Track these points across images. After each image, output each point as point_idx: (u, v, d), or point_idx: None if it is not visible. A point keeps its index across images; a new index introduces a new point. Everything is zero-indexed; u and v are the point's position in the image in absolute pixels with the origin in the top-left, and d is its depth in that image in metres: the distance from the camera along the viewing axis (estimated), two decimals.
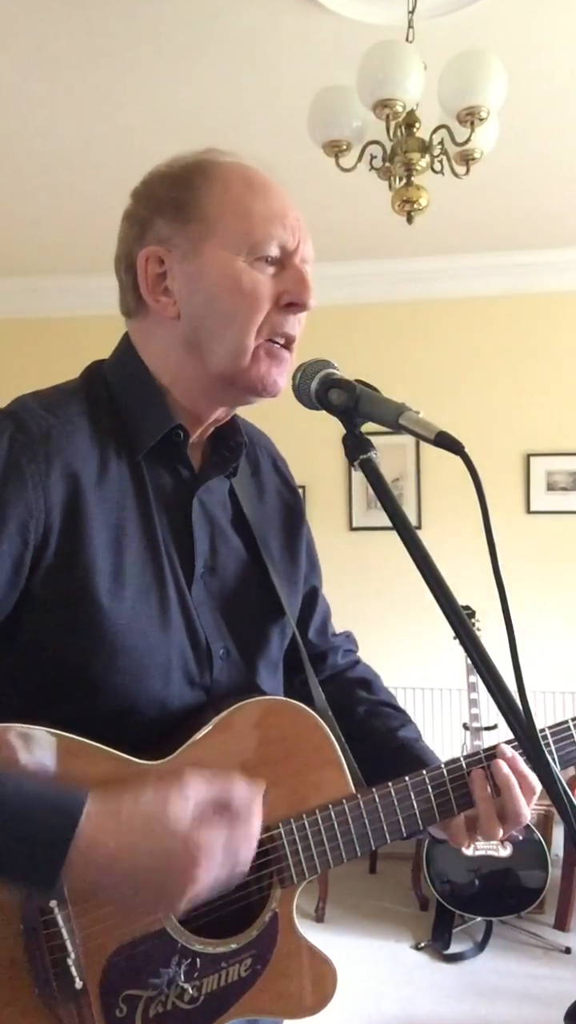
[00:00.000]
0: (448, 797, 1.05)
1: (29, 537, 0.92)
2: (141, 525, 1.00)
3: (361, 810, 1.03)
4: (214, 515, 1.09)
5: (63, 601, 0.94)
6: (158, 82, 2.69)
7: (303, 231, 1.02)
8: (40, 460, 0.93)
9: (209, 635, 1.04)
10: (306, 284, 1.00)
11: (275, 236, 0.99)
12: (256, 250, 0.98)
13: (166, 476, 1.04)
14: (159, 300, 1.01)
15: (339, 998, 1.05)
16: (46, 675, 0.96)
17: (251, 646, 1.09)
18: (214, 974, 0.98)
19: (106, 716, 0.96)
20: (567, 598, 4.10)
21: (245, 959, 1.00)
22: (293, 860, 1.00)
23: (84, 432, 0.99)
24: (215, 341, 0.99)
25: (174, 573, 1.02)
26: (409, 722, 1.22)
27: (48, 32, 2.44)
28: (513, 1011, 2.93)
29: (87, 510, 0.95)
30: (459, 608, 0.88)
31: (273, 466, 1.22)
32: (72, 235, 3.82)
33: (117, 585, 0.96)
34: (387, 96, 2.07)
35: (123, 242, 1.05)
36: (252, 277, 0.98)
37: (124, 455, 1.01)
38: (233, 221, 0.98)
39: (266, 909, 1.02)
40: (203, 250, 0.98)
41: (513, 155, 3.03)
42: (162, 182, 1.02)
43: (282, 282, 1.00)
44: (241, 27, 2.43)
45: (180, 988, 0.96)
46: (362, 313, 4.27)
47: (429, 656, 3.97)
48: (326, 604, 1.28)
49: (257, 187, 1.01)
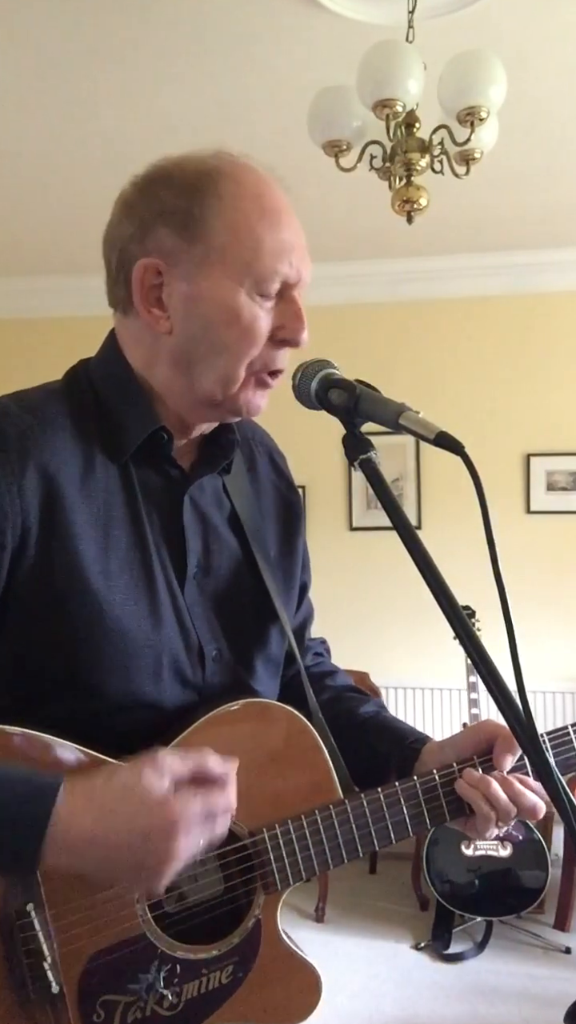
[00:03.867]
0: (440, 803, 1.04)
1: (6, 540, 0.91)
2: (129, 524, 0.99)
3: (348, 815, 1.01)
4: (207, 513, 1.08)
5: (49, 602, 0.93)
6: (158, 82, 2.69)
7: (306, 259, 1.01)
8: (13, 462, 0.92)
9: (202, 636, 1.03)
10: (302, 322, 0.99)
11: (280, 273, 0.97)
12: (259, 286, 0.97)
13: (154, 476, 1.03)
14: (151, 312, 0.99)
15: (339, 998, 1.05)
16: (35, 676, 0.95)
17: (246, 647, 1.08)
18: (195, 980, 0.97)
19: (96, 716, 0.96)
20: (567, 598, 4.10)
21: (227, 966, 0.99)
22: (277, 866, 0.99)
23: (65, 431, 0.97)
24: (205, 366, 0.98)
25: (165, 573, 1.01)
26: (369, 700, 1.21)
27: (47, 32, 2.44)
28: (513, 1011, 2.93)
29: (70, 509, 0.94)
30: (459, 608, 0.87)
31: (271, 462, 1.21)
32: (71, 235, 3.81)
33: (105, 585, 0.95)
34: (387, 96, 2.06)
35: (118, 233, 1.01)
36: (252, 312, 0.97)
37: (110, 455, 1.00)
38: (241, 251, 0.96)
39: (249, 915, 1.00)
40: (206, 275, 0.96)
41: (513, 155, 3.03)
42: (169, 186, 0.98)
43: (279, 316, 0.99)
44: (241, 27, 2.43)
45: (159, 994, 0.95)
46: (362, 313, 4.27)
47: (429, 656, 3.97)
48: (311, 606, 1.27)
49: (269, 213, 0.98)
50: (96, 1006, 0.92)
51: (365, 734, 1.14)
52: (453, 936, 3.35)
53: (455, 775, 1.05)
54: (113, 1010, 0.93)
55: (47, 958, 0.89)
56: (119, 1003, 0.93)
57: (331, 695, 1.21)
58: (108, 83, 2.70)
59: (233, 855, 0.98)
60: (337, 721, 1.14)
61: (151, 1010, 0.95)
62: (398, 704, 4.15)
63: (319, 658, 1.30)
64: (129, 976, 0.94)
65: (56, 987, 0.89)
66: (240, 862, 0.98)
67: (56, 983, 0.89)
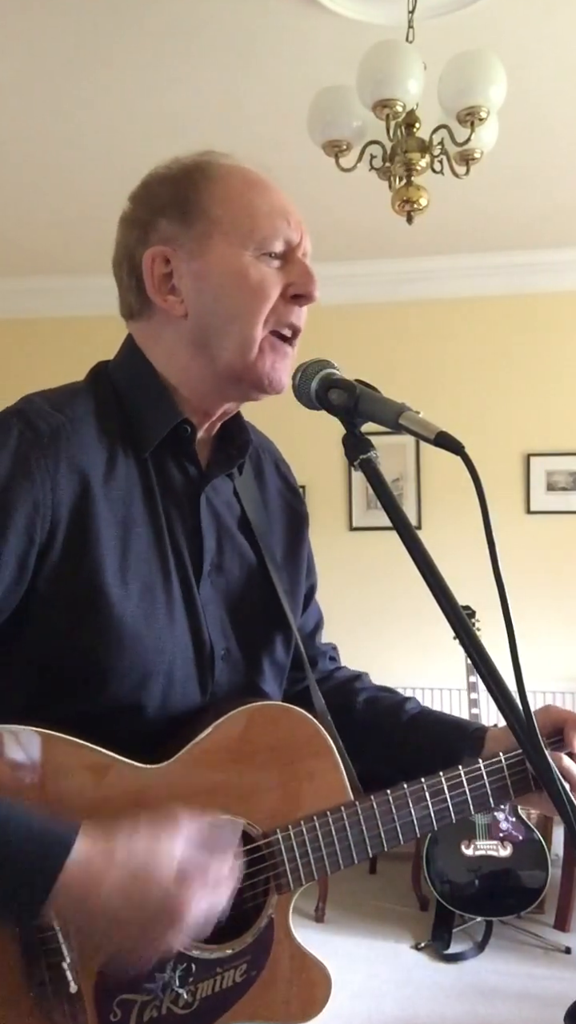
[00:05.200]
0: (446, 805, 1.05)
1: (35, 535, 0.92)
2: (148, 522, 1.00)
3: (359, 817, 1.02)
4: (220, 513, 1.09)
5: (69, 598, 0.94)
6: (158, 82, 2.69)
7: (303, 228, 1.04)
8: (49, 457, 0.93)
9: (213, 634, 1.04)
10: (311, 276, 1.01)
11: (280, 231, 1.00)
12: (263, 245, 1.00)
13: (174, 473, 1.05)
14: (167, 299, 1.01)
15: (339, 998, 1.05)
16: (51, 672, 0.96)
17: (253, 647, 1.09)
18: (209, 979, 0.98)
19: (110, 714, 0.96)
20: (567, 598, 4.10)
21: (240, 965, 1.00)
22: (290, 867, 1.00)
23: (92, 430, 0.99)
24: (223, 336, 1.00)
25: (182, 570, 1.02)
26: (409, 698, 1.23)
27: (47, 32, 2.44)
28: (513, 1011, 2.93)
29: (95, 507, 0.95)
30: (459, 608, 0.88)
31: (276, 470, 1.22)
32: (72, 235, 3.82)
33: (123, 582, 0.96)
34: (387, 96, 2.06)
35: (123, 246, 1.05)
36: (259, 270, 0.99)
37: (131, 452, 1.01)
38: (238, 217, 1.00)
39: (262, 915, 1.01)
40: (209, 247, 1.00)
41: (513, 155, 3.03)
42: (162, 183, 1.03)
43: (288, 275, 1.01)
44: (241, 27, 2.43)
45: (175, 993, 0.96)
46: (362, 313, 4.27)
47: (429, 656, 3.97)
48: (319, 611, 1.28)
49: (258, 185, 1.02)
50: (113, 1005, 0.93)
51: (424, 729, 1.16)
52: (453, 936, 3.35)
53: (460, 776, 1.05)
54: (130, 1009, 0.94)
55: (66, 958, 0.89)
56: (135, 1002, 0.94)
57: (366, 697, 1.23)
58: (108, 83, 2.70)
59: (246, 856, 0.99)
60: (385, 719, 1.16)
61: (167, 1009, 0.96)
62: None
63: (334, 662, 1.31)
64: (145, 975, 0.94)
65: (74, 987, 0.89)
66: (254, 863, 0.99)
67: (74, 983, 0.89)
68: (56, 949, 0.89)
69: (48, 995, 0.89)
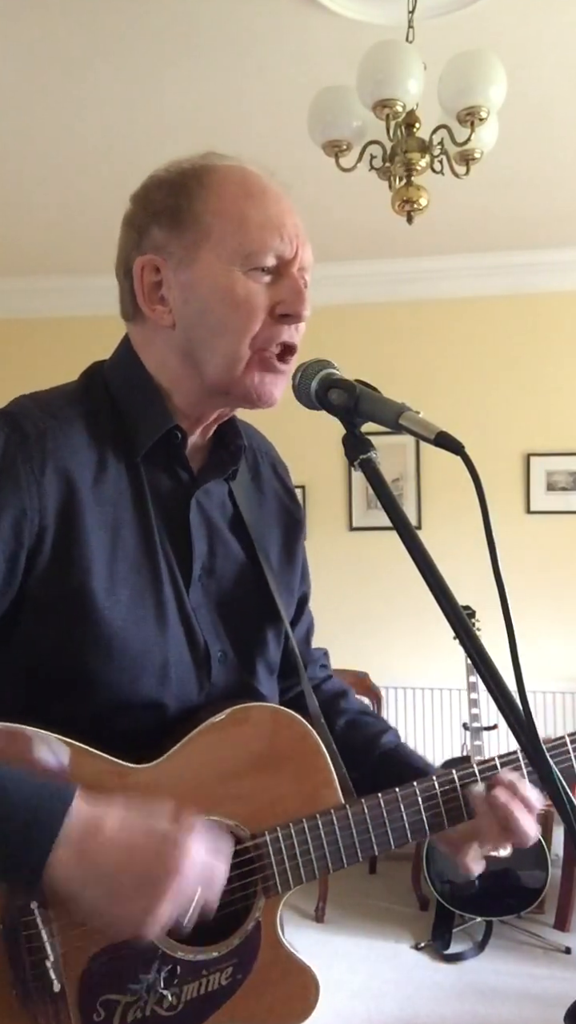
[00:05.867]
0: (439, 810, 1.04)
1: (24, 537, 0.92)
2: (137, 526, 1.00)
3: (349, 820, 1.01)
4: (212, 517, 1.08)
5: (59, 601, 0.94)
6: (158, 82, 2.69)
7: (301, 238, 1.01)
8: (35, 460, 0.93)
9: (207, 637, 1.04)
10: (301, 295, 0.98)
11: (271, 246, 0.98)
12: (251, 260, 0.97)
13: (164, 478, 1.04)
14: (155, 309, 1.01)
15: (339, 998, 1.05)
16: (42, 674, 0.96)
17: (248, 649, 1.09)
18: (195, 981, 0.97)
19: (102, 715, 0.96)
20: (567, 598, 4.10)
21: (226, 967, 0.99)
22: (278, 869, 0.99)
23: (81, 433, 0.98)
24: (209, 350, 0.99)
25: (172, 574, 1.02)
26: (388, 728, 1.22)
27: (47, 32, 2.44)
28: (513, 1011, 2.93)
29: (83, 511, 0.95)
30: (459, 608, 0.88)
31: (273, 472, 1.22)
32: (72, 235, 3.82)
33: (112, 585, 0.96)
34: (387, 96, 2.06)
35: (122, 248, 1.05)
36: (246, 287, 0.97)
37: (122, 457, 1.01)
38: (228, 230, 0.97)
39: (249, 918, 1.00)
40: (197, 259, 0.98)
41: (513, 155, 3.03)
42: (159, 188, 1.02)
43: (277, 292, 0.98)
44: (241, 27, 2.43)
45: (159, 994, 0.95)
46: (362, 313, 4.27)
47: (429, 656, 3.97)
48: (311, 618, 1.28)
49: (254, 193, 0.99)
50: (96, 1005, 0.92)
51: (390, 770, 1.14)
52: (453, 936, 3.34)
53: (454, 782, 1.05)
54: (113, 1009, 0.93)
55: (49, 956, 0.89)
56: (119, 1003, 0.93)
57: (347, 719, 1.22)
58: (107, 83, 2.70)
59: (234, 857, 0.98)
60: (359, 749, 1.15)
61: (151, 1010, 0.95)
62: (398, 704, 4.15)
63: (325, 670, 1.31)
64: (130, 976, 0.94)
65: (57, 985, 0.89)
66: (242, 865, 0.98)
67: (58, 982, 0.89)
68: (39, 947, 0.89)
69: (31, 994, 0.89)
